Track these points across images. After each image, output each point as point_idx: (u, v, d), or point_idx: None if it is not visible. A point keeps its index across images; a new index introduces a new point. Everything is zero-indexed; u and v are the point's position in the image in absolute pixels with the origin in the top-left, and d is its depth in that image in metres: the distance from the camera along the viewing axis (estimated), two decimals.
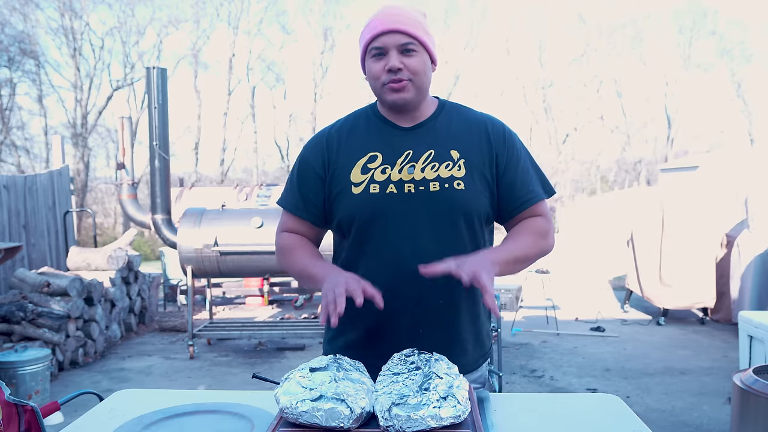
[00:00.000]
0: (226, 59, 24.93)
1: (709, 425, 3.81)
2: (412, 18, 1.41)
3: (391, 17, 1.40)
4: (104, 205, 20.00)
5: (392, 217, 1.44)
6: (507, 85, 31.11)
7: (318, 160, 1.51)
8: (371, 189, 1.45)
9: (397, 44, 1.39)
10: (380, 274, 1.44)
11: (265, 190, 8.68)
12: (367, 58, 1.45)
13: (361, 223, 1.47)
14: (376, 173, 1.45)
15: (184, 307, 8.18)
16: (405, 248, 1.44)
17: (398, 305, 1.44)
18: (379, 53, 1.41)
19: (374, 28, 1.41)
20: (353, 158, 1.48)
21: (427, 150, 1.46)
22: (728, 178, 10.50)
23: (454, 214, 1.44)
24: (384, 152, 1.47)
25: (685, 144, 26.89)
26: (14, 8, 19.49)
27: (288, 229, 1.60)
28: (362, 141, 1.49)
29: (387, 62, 1.40)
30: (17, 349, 4.18)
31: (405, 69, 1.40)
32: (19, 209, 6.71)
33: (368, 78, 1.46)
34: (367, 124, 1.52)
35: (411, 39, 1.39)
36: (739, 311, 4.33)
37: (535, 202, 1.50)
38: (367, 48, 1.43)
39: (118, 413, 1.33)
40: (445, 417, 1.07)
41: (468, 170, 1.45)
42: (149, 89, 5.97)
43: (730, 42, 27.23)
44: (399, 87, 1.41)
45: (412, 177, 1.44)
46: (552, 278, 7.52)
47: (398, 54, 1.40)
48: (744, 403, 2.36)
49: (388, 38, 1.39)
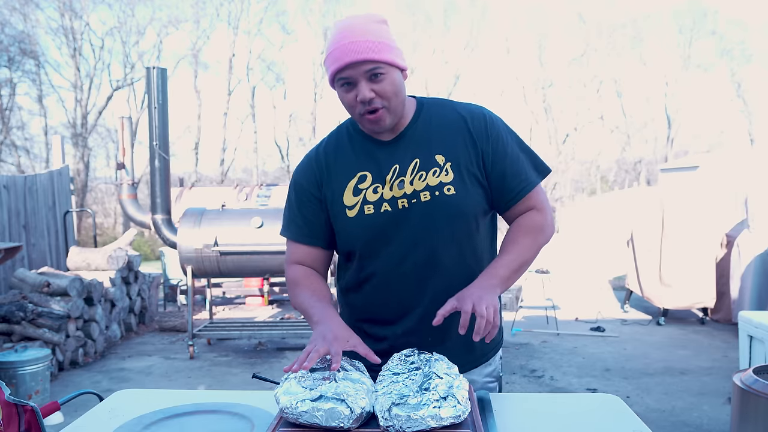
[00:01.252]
0: (226, 59, 24.94)
1: (709, 425, 3.81)
2: (372, 39, 1.33)
3: (351, 46, 1.32)
4: (104, 205, 20.01)
5: (391, 235, 1.44)
6: (507, 85, 31.08)
7: (312, 183, 1.50)
8: (366, 210, 1.44)
9: (364, 72, 1.33)
10: (384, 290, 1.46)
11: (265, 190, 8.68)
12: (335, 86, 1.40)
13: (362, 245, 1.47)
14: (368, 193, 1.44)
15: (184, 307, 8.18)
16: (407, 262, 1.44)
17: (405, 319, 1.46)
18: (348, 83, 1.36)
19: (337, 59, 1.34)
20: (343, 181, 1.46)
21: (412, 160, 1.44)
22: (728, 178, 10.51)
23: (450, 220, 1.43)
24: (372, 171, 1.45)
25: (685, 144, 26.91)
26: (14, 8, 19.49)
27: (296, 260, 1.55)
28: (349, 161, 1.48)
29: (357, 93, 1.35)
30: (17, 349, 4.18)
31: (377, 96, 1.36)
32: (19, 209, 6.71)
33: (344, 106, 1.42)
34: (350, 142, 1.50)
35: (377, 64, 1.33)
36: (739, 311, 4.33)
37: (528, 190, 1.47)
38: (335, 78, 1.38)
39: (118, 413, 1.33)
40: (445, 417, 1.07)
41: (456, 172, 1.43)
42: (149, 89, 5.97)
43: (730, 42, 27.24)
44: (375, 118, 1.38)
45: (404, 192, 1.43)
46: (552, 278, 7.52)
47: (367, 82, 1.34)
48: (744, 403, 2.36)
49: (353, 70, 1.33)
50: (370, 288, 1.48)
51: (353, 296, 1.55)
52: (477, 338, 1.25)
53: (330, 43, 1.36)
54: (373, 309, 1.51)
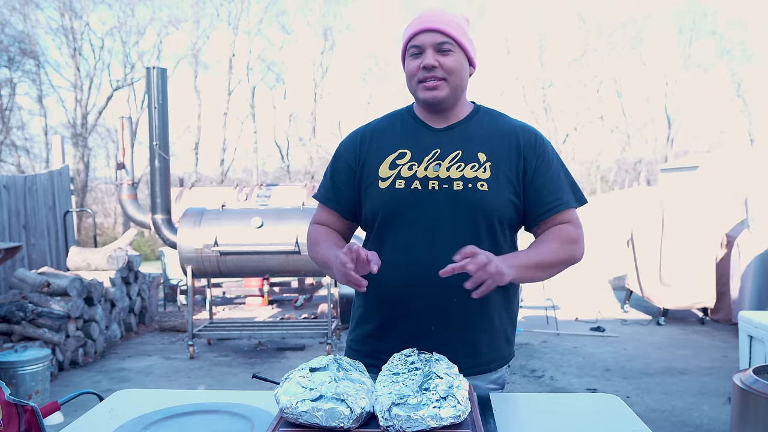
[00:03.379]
0: (226, 59, 24.99)
1: (709, 425, 3.81)
2: (450, 19, 1.45)
3: (429, 17, 1.44)
4: (104, 205, 20.01)
5: (415, 213, 1.46)
6: (507, 85, 31.12)
7: (351, 155, 1.56)
8: (397, 184, 1.48)
9: (434, 43, 1.43)
10: (397, 267, 1.47)
11: (265, 190, 8.68)
12: (406, 56, 1.49)
13: (384, 217, 1.50)
14: (403, 169, 1.49)
15: (184, 307, 8.17)
16: (422, 243, 1.46)
17: (412, 299, 1.47)
18: (417, 52, 1.45)
19: (414, 26, 1.45)
20: (383, 154, 1.52)
21: (455, 150, 1.48)
22: (728, 178, 10.51)
23: (475, 215, 1.45)
24: (413, 150, 1.50)
25: (685, 144, 26.95)
26: (14, 8, 19.52)
27: (319, 220, 1.64)
28: (394, 139, 1.53)
29: (422, 60, 1.43)
30: (17, 349, 4.18)
31: (440, 67, 1.43)
32: (19, 209, 6.71)
33: (406, 75, 1.50)
34: (401, 123, 1.56)
35: (447, 38, 1.43)
36: (739, 311, 4.33)
37: (563, 208, 1.49)
38: (407, 47, 1.48)
39: (118, 413, 1.33)
40: (445, 417, 1.07)
41: (493, 173, 1.46)
42: (149, 89, 5.97)
43: (730, 42, 27.28)
44: (433, 86, 1.44)
45: (437, 175, 1.46)
46: (552, 278, 7.51)
47: (434, 53, 1.43)
48: (744, 403, 2.36)
49: (425, 37, 1.43)
50: (383, 263, 1.45)
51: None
52: (469, 285, 1.27)
53: (411, 20, 1.48)
54: (384, 284, 1.49)
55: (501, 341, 1.56)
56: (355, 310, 1.64)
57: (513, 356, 1.63)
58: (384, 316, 1.52)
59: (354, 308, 1.65)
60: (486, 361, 1.53)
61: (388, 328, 1.52)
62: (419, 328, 1.47)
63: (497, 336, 1.54)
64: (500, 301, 1.52)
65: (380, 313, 1.53)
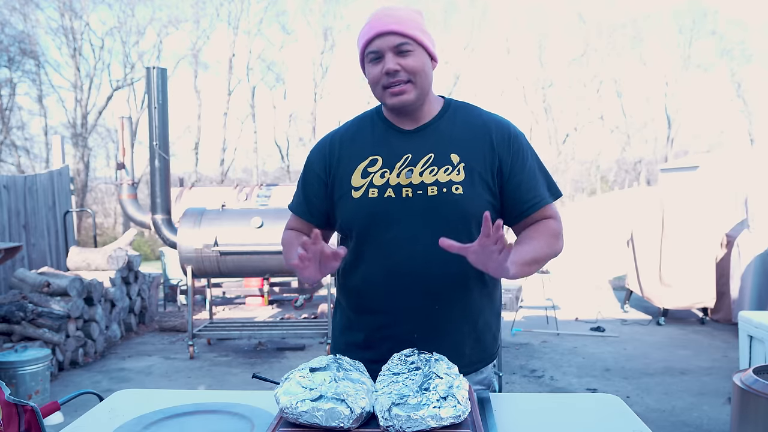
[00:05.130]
0: (226, 59, 24.97)
1: (709, 425, 3.81)
2: (405, 17, 1.39)
3: (383, 19, 1.38)
4: (104, 205, 20.00)
5: (390, 221, 1.43)
6: (507, 85, 31.14)
7: (321, 165, 1.53)
8: (370, 193, 1.44)
9: (392, 46, 1.38)
10: (377, 277, 1.45)
11: (265, 190, 8.67)
12: (365, 63, 1.44)
13: (360, 227, 1.47)
14: (375, 177, 1.45)
15: (184, 307, 8.17)
16: (401, 252, 1.43)
17: (394, 309, 1.45)
18: (376, 57, 1.40)
19: (368, 32, 1.40)
20: (354, 162, 1.48)
21: (427, 154, 1.44)
22: (728, 178, 10.51)
23: (452, 219, 1.42)
24: (384, 155, 1.46)
25: (685, 144, 26.93)
26: (14, 8, 19.50)
27: (293, 227, 1.62)
28: (364, 145, 1.49)
29: (383, 65, 1.39)
30: (17, 349, 4.18)
31: (402, 70, 1.38)
32: (19, 209, 6.71)
33: (369, 83, 1.45)
34: (371, 127, 1.52)
35: (405, 39, 1.38)
36: (739, 311, 4.33)
37: (541, 206, 1.48)
38: (364, 53, 1.43)
39: (118, 413, 1.33)
40: (445, 417, 1.07)
41: (468, 174, 1.43)
42: (149, 89, 5.97)
43: (730, 42, 27.27)
44: (399, 91, 1.40)
45: (410, 181, 1.43)
46: (552, 278, 7.52)
47: (394, 56, 1.38)
48: (744, 403, 2.36)
49: (381, 41, 1.38)
50: (362, 274, 1.47)
51: (348, 278, 1.54)
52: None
53: (364, 24, 1.42)
54: (364, 295, 1.50)
55: (486, 340, 1.54)
56: (336, 320, 1.62)
57: (499, 348, 1.61)
58: (366, 327, 1.50)
59: (334, 319, 1.64)
60: (470, 362, 1.51)
61: (371, 338, 1.49)
62: (403, 336, 1.44)
63: (481, 337, 1.53)
64: (484, 301, 1.51)
65: (362, 324, 1.51)
